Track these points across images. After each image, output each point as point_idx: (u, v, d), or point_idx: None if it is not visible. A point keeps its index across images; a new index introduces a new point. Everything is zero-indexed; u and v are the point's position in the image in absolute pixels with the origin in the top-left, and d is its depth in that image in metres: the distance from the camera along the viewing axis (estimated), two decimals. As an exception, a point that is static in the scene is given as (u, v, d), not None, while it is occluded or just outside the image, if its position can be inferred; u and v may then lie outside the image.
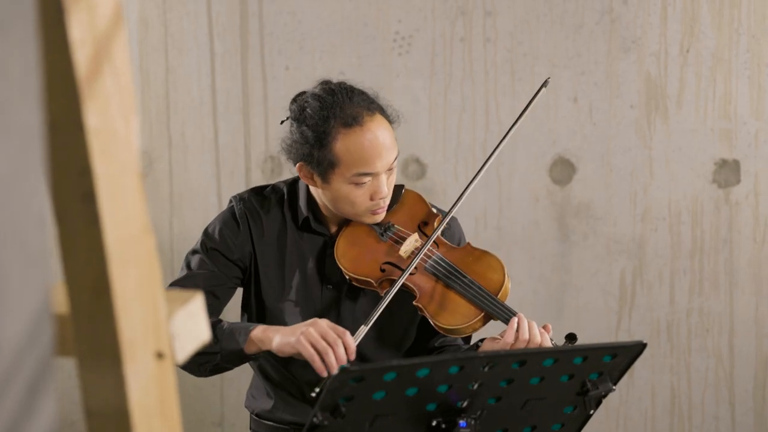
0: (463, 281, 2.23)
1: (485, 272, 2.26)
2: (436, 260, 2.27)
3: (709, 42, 3.40)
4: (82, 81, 0.91)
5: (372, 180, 2.22)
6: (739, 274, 3.47)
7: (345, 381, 1.58)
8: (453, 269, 2.26)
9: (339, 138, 2.19)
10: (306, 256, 2.35)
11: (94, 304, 0.96)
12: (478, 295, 2.21)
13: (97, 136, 0.92)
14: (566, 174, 3.52)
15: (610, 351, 1.77)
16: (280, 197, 2.38)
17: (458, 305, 2.22)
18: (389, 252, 2.29)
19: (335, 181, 2.22)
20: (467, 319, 2.20)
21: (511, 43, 3.49)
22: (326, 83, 2.28)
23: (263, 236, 2.35)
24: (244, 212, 2.35)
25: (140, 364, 1.00)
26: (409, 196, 2.39)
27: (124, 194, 0.97)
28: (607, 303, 3.54)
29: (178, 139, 3.70)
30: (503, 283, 2.24)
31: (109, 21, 0.96)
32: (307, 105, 2.24)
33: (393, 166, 2.25)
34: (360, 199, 2.23)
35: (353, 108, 2.21)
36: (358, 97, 2.25)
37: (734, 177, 3.44)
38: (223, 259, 2.33)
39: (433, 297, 2.24)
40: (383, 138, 2.21)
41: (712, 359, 3.51)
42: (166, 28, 3.65)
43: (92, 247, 0.94)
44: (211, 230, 2.35)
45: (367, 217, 2.28)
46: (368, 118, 2.21)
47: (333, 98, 2.22)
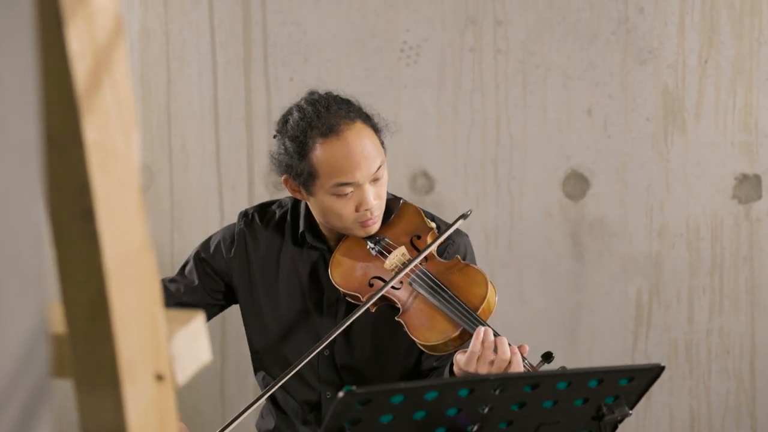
0: (443, 296, 2.23)
1: (468, 286, 2.25)
2: (419, 274, 2.27)
3: (728, 52, 3.40)
4: (81, 95, 0.91)
5: (355, 190, 2.23)
6: (761, 293, 3.46)
7: (351, 403, 1.59)
8: (435, 283, 2.25)
9: (317, 148, 2.22)
10: (304, 271, 2.38)
11: (92, 324, 0.96)
12: (455, 309, 2.20)
13: (96, 151, 0.93)
14: (580, 189, 3.52)
15: (626, 374, 1.77)
16: (284, 212, 2.42)
17: (437, 321, 2.22)
18: (377, 266, 2.31)
19: (318, 193, 2.25)
20: (445, 336, 2.20)
21: (523, 53, 3.50)
22: (311, 94, 2.31)
23: (260, 252, 2.39)
24: (243, 230, 2.40)
25: (139, 387, 1.01)
26: (406, 209, 2.40)
27: (123, 211, 0.98)
28: (623, 323, 3.53)
29: (179, 151, 3.71)
30: (485, 297, 2.22)
31: (110, 33, 0.97)
32: (290, 117, 2.28)
33: (379, 176, 2.26)
34: (345, 211, 2.25)
35: (330, 117, 2.23)
36: (338, 105, 2.27)
37: (755, 192, 3.44)
38: (209, 270, 2.41)
39: (415, 312, 2.24)
40: (362, 147, 2.23)
41: (733, 382, 3.50)
42: (168, 37, 3.67)
43: (90, 266, 0.95)
44: (211, 241, 2.44)
45: (357, 229, 2.29)
46: (345, 127, 2.23)
47: (313, 108, 2.25)
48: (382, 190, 2.28)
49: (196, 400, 3.59)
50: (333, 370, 2.36)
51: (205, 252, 2.42)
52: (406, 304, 2.25)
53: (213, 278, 2.40)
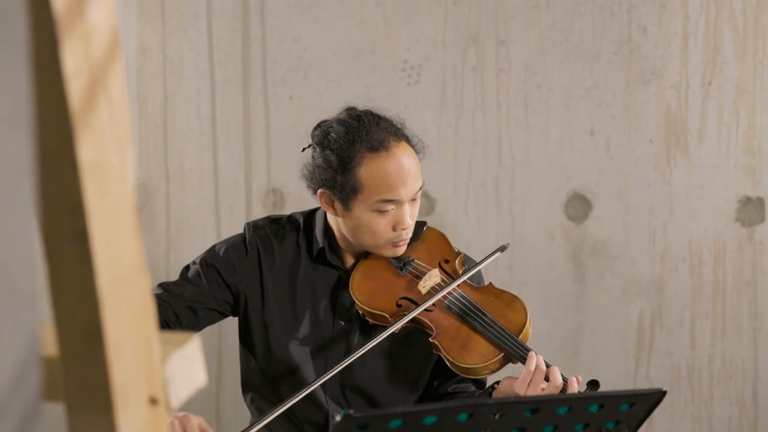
0: (483, 320, 2.24)
1: (506, 312, 2.27)
2: (456, 297, 2.28)
3: (732, 74, 3.40)
4: (75, 113, 0.91)
5: (395, 209, 2.24)
6: (764, 318, 3.46)
7: (349, 428, 1.58)
8: (473, 306, 2.26)
9: (364, 162, 2.22)
10: (319, 290, 2.36)
11: (85, 347, 0.96)
12: (497, 334, 2.21)
13: (90, 171, 0.92)
14: (582, 211, 3.52)
15: (628, 399, 1.76)
16: (296, 227, 2.40)
17: (476, 344, 2.22)
18: (407, 287, 2.30)
19: (357, 208, 2.24)
20: (485, 359, 2.20)
21: (525, 73, 3.50)
22: (351, 109, 2.32)
23: (274, 267, 2.36)
24: (255, 240, 2.37)
25: (133, 411, 1.00)
26: (431, 233, 2.42)
27: (118, 233, 0.97)
28: (625, 347, 3.52)
29: (176, 170, 3.70)
30: (525, 325, 2.24)
31: (105, 50, 0.96)
32: (332, 130, 2.27)
33: (417, 197, 2.27)
34: (382, 229, 2.24)
35: (380, 133, 2.24)
36: (385, 122, 2.28)
37: (759, 215, 3.43)
38: (218, 278, 2.36)
39: (451, 334, 2.24)
40: (409, 165, 2.24)
41: (735, 408, 3.49)
42: (165, 54, 3.67)
43: (84, 288, 0.94)
44: (217, 248, 2.39)
45: (387, 249, 2.29)
46: (395, 144, 2.25)
47: (359, 123, 2.25)
48: (416, 212, 2.30)
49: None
50: (340, 390, 2.35)
51: (214, 259, 2.37)
52: (441, 327, 2.25)
53: (221, 287, 2.36)
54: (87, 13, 0.92)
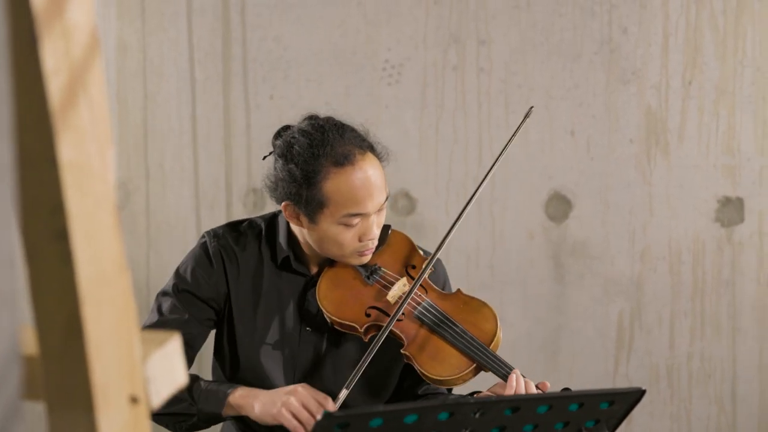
0: (453, 330, 2.23)
1: (477, 321, 2.25)
2: (425, 307, 2.26)
3: (712, 74, 3.42)
4: (55, 112, 0.91)
5: (362, 221, 2.21)
6: (743, 318, 3.48)
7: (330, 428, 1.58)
8: (443, 317, 2.25)
9: (330, 177, 2.18)
10: (285, 298, 2.34)
11: (66, 346, 0.96)
12: (469, 345, 2.21)
13: (70, 170, 0.92)
14: (562, 210, 3.53)
15: (607, 398, 1.77)
16: (258, 233, 2.36)
17: (448, 355, 2.22)
18: (376, 296, 2.29)
19: (323, 222, 2.21)
20: (458, 370, 2.20)
21: (506, 73, 3.51)
22: (313, 118, 2.27)
23: (238, 276, 2.33)
24: (219, 250, 2.33)
25: (113, 410, 1.00)
26: (395, 237, 2.38)
27: (98, 232, 0.97)
28: (604, 346, 3.54)
29: (157, 170, 3.70)
30: (495, 333, 2.24)
31: (85, 49, 0.96)
32: (295, 141, 2.22)
33: (383, 207, 2.25)
34: (348, 241, 2.23)
35: (344, 145, 2.20)
36: (350, 133, 2.24)
37: (738, 215, 3.45)
38: (195, 301, 2.32)
39: (422, 346, 2.23)
40: (375, 178, 2.21)
41: (714, 407, 3.51)
42: (145, 53, 3.67)
43: (64, 288, 0.94)
44: (182, 270, 2.33)
45: (353, 258, 2.27)
46: (360, 157, 2.20)
47: (323, 135, 2.20)
48: (383, 221, 2.28)
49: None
50: None
51: (183, 283, 2.32)
52: (412, 337, 2.24)
53: (201, 307, 2.32)
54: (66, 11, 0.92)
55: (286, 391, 2.17)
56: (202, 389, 2.23)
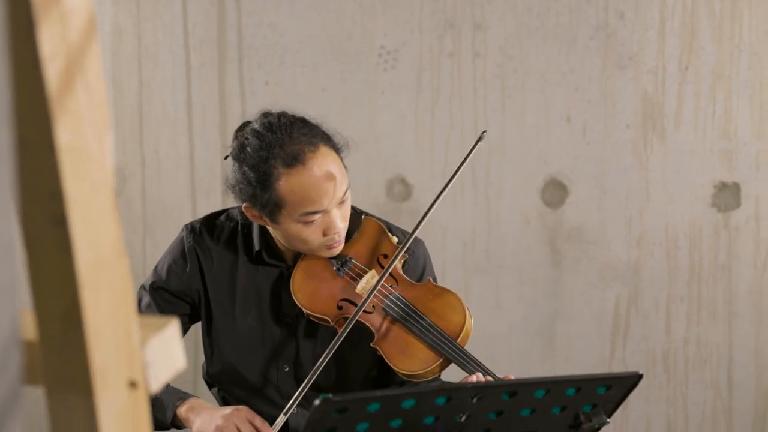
0: (421, 324, 2.22)
1: (445, 313, 2.24)
2: (393, 300, 2.26)
3: (708, 59, 3.42)
4: (53, 97, 0.91)
5: (322, 216, 2.20)
6: (739, 303, 3.48)
7: (327, 412, 1.58)
8: (411, 310, 2.24)
9: (282, 179, 2.17)
10: (261, 290, 2.35)
11: (65, 331, 0.96)
12: (437, 339, 2.20)
13: (68, 155, 0.92)
14: (558, 196, 3.53)
15: (604, 382, 1.78)
16: (234, 226, 2.38)
17: (417, 349, 2.21)
18: (347, 289, 2.29)
19: (284, 222, 2.21)
20: (426, 365, 2.20)
21: (502, 58, 3.51)
22: (266, 116, 2.25)
23: (214, 271, 2.35)
24: (193, 246, 2.35)
25: (112, 394, 1.00)
26: (368, 225, 2.37)
27: (96, 217, 0.97)
28: (600, 331, 3.55)
29: (152, 156, 3.70)
30: (464, 325, 2.22)
31: (83, 33, 0.96)
32: (247, 143, 2.21)
33: (345, 199, 2.23)
34: (312, 237, 2.22)
35: (293, 144, 2.17)
36: (299, 131, 2.20)
37: (734, 201, 3.46)
38: (168, 297, 2.36)
39: (391, 339, 2.24)
40: (329, 173, 2.19)
41: (710, 391, 3.52)
42: (140, 39, 3.66)
43: (63, 273, 0.94)
44: (159, 267, 2.38)
45: (323, 251, 2.27)
46: (310, 155, 2.18)
47: (272, 135, 2.18)
48: (347, 212, 2.26)
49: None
50: (294, 385, 2.35)
51: (159, 280, 2.36)
52: (381, 331, 2.24)
53: (174, 304, 2.36)
54: (64, -4, 0.92)
55: (223, 414, 2.19)
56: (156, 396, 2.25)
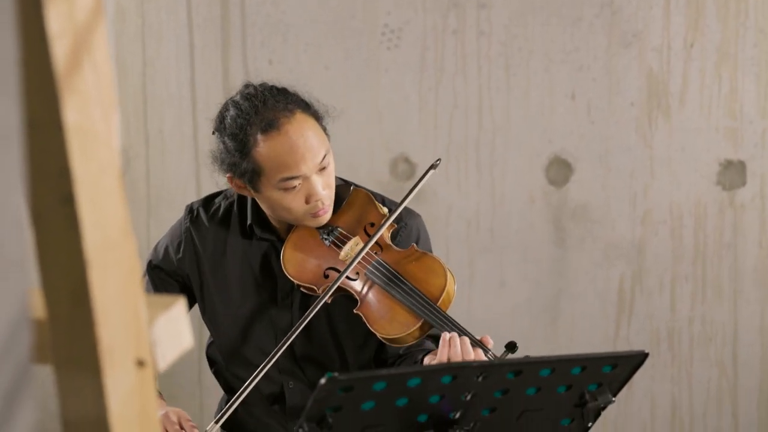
0: (402, 287, 2.23)
1: (426, 276, 2.25)
2: (375, 265, 2.27)
3: (714, 36, 3.41)
4: (60, 76, 0.91)
5: (302, 183, 2.21)
6: (744, 281, 3.49)
7: (333, 390, 1.59)
8: (393, 274, 2.25)
9: (258, 145, 2.20)
10: (253, 265, 2.37)
11: (73, 310, 0.96)
12: (417, 302, 2.21)
13: (76, 134, 0.93)
14: (563, 174, 3.54)
15: (610, 361, 1.79)
16: (230, 204, 2.41)
17: (397, 313, 2.22)
18: (333, 257, 2.30)
19: (265, 190, 2.23)
20: (406, 328, 2.20)
21: (506, 36, 3.50)
22: (246, 87, 2.29)
23: (207, 249, 2.39)
24: (189, 228, 2.40)
25: (120, 372, 1.01)
26: (357, 195, 2.37)
27: (104, 196, 0.98)
28: (605, 310, 3.55)
29: (156, 135, 3.70)
30: (444, 287, 2.23)
31: (89, 12, 0.96)
32: (227, 114, 2.25)
33: (325, 165, 2.24)
34: (294, 204, 2.24)
35: (268, 111, 2.21)
36: (274, 98, 2.24)
37: (740, 179, 3.46)
38: (163, 276, 2.42)
39: (373, 305, 2.25)
40: (305, 138, 2.21)
41: (715, 370, 3.53)
42: (144, 18, 3.66)
43: (71, 252, 0.95)
44: (158, 246, 2.44)
45: (308, 220, 2.28)
46: (285, 120, 2.21)
47: (249, 103, 2.23)
48: (330, 179, 2.26)
49: (173, 388, 3.59)
50: (292, 360, 2.36)
51: (156, 259, 2.42)
52: (364, 296, 2.25)
53: (168, 282, 2.41)
54: (70, -25, 0.92)
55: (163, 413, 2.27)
56: None
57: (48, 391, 1.35)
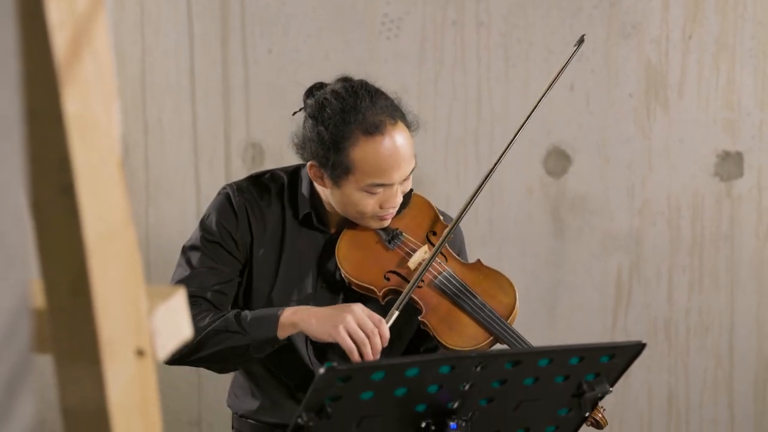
0: (473, 302, 2.24)
1: (496, 294, 2.27)
2: (446, 276, 2.27)
3: (712, 28, 3.41)
4: (60, 66, 0.91)
5: (385, 189, 2.22)
6: (741, 272, 3.49)
7: (332, 380, 1.59)
8: (463, 288, 2.26)
9: (358, 145, 2.18)
10: (304, 254, 2.34)
11: (73, 300, 0.96)
12: (488, 318, 2.22)
13: (76, 124, 0.93)
14: (561, 165, 3.53)
15: (607, 351, 1.79)
16: (281, 187, 2.35)
17: (467, 326, 2.23)
18: (396, 261, 2.30)
19: (347, 187, 2.21)
20: (475, 342, 2.22)
21: (506, 27, 3.50)
22: (347, 80, 2.26)
23: (262, 231, 2.33)
24: (243, 204, 2.32)
25: (120, 363, 1.01)
26: (417, 201, 2.39)
27: (104, 186, 0.97)
28: (603, 301, 3.56)
29: (155, 124, 3.69)
30: (514, 307, 2.26)
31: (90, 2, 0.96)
32: (327, 104, 2.21)
33: (409, 177, 2.25)
34: (370, 208, 2.23)
35: (376, 114, 2.19)
36: (382, 101, 2.22)
37: (737, 170, 3.46)
38: (224, 253, 2.31)
39: (440, 315, 2.25)
40: (404, 150, 2.21)
41: (712, 360, 3.54)
42: (143, 7, 3.65)
43: (71, 242, 0.94)
44: (208, 223, 2.33)
45: (373, 221, 2.28)
46: (390, 127, 2.20)
47: (355, 100, 2.20)
48: (408, 188, 2.28)
49: (172, 377, 3.59)
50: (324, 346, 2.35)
51: (211, 234, 2.31)
52: (431, 306, 2.25)
53: (230, 260, 2.32)
54: (71, -36, 0.92)
55: (343, 309, 2.16)
56: (249, 319, 2.22)
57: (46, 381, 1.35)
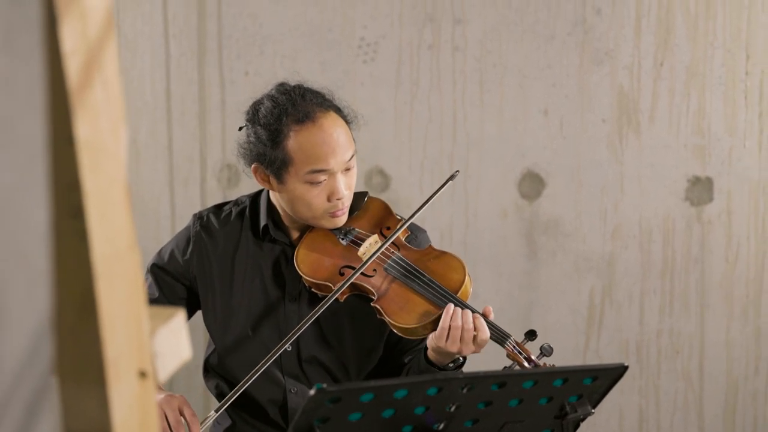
0: (421, 280, 2.27)
1: (445, 272, 2.30)
2: (395, 260, 2.31)
3: (683, 55, 3.46)
4: (73, 92, 0.92)
5: (328, 179, 2.27)
6: (711, 295, 3.53)
7: (321, 401, 1.60)
8: (412, 268, 2.29)
9: (291, 135, 2.26)
10: (265, 266, 2.39)
11: (80, 321, 0.97)
12: (438, 294, 2.24)
13: (86, 148, 0.94)
14: (535, 189, 3.56)
15: (590, 373, 1.81)
16: (242, 210, 2.44)
17: (416, 304, 2.25)
18: (348, 255, 2.34)
19: (290, 181, 2.27)
20: (425, 318, 2.22)
21: (481, 52, 3.53)
22: (282, 85, 2.35)
23: (218, 251, 2.41)
24: (199, 230, 2.43)
25: (124, 384, 1.01)
26: (372, 203, 2.45)
27: (112, 209, 0.98)
28: (575, 322, 3.58)
29: (131, 144, 3.69)
30: (463, 282, 2.28)
31: (101, 29, 0.97)
32: (261, 106, 2.32)
33: (350, 166, 2.30)
34: (316, 200, 2.28)
35: (306, 105, 2.28)
36: (312, 95, 2.32)
37: (707, 195, 3.50)
38: (168, 279, 2.42)
39: (391, 297, 2.27)
40: (337, 134, 2.28)
41: (682, 382, 3.57)
42: (120, 28, 3.65)
43: (79, 264, 0.95)
44: (163, 250, 2.46)
45: (326, 220, 2.32)
46: (321, 115, 2.28)
47: (286, 97, 2.30)
48: (352, 182, 2.32)
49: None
50: (297, 363, 2.37)
51: (160, 261, 2.44)
52: (381, 290, 2.28)
53: (172, 285, 2.42)
54: (84, -7, 0.93)
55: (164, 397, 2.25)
56: None
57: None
